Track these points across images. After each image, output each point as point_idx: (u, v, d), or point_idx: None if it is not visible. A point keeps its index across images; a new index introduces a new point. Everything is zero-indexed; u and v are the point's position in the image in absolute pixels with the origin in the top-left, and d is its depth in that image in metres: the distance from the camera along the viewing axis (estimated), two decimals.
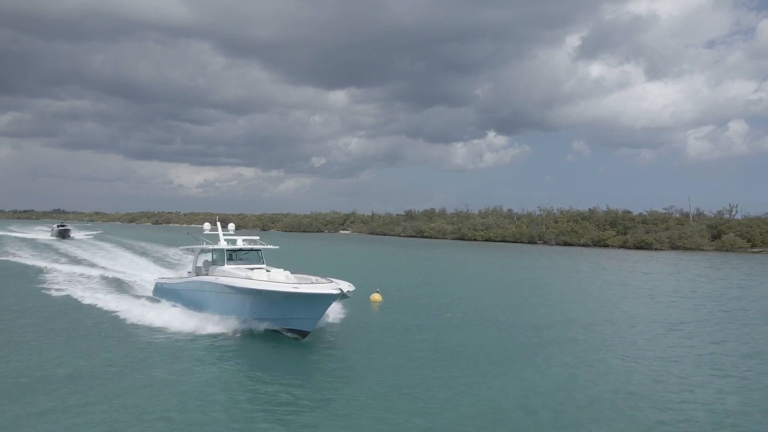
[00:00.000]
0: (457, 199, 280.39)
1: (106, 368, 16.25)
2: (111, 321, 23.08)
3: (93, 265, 45.43)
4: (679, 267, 60.13)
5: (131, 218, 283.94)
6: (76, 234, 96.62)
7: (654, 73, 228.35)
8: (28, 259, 52.21)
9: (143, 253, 60.31)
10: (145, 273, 40.18)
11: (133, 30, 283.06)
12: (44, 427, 12.00)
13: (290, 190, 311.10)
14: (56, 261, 50.02)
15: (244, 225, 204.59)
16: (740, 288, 40.47)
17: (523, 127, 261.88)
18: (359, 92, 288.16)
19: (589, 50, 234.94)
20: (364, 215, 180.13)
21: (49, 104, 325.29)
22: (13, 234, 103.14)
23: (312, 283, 20.72)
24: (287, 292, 18.76)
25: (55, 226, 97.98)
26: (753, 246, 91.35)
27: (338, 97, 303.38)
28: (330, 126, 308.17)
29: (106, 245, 72.40)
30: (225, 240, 25.73)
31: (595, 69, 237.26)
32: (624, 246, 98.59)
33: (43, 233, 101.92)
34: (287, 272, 22.38)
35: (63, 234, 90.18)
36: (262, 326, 20.59)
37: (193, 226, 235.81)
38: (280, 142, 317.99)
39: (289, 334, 20.25)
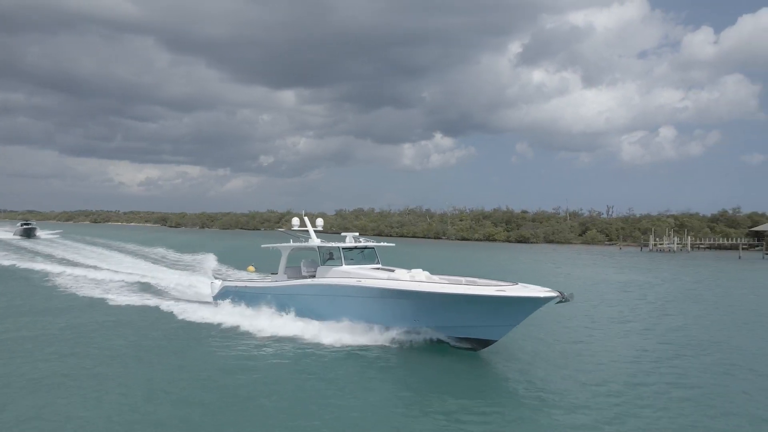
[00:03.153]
0: (406, 198, 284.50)
1: (269, 388, 13.91)
2: (220, 333, 20.01)
3: (96, 268, 40.85)
4: (524, 253, 78.39)
5: (68, 217, 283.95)
6: (41, 233, 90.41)
7: (590, 80, 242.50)
8: (20, 261, 46.56)
9: (130, 253, 57.66)
10: (162, 274, 37.38)
11: (75, 23, 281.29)
12: None
13: (237, 189, 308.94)
14: (48, 262, 45.20)
15: (183, 223, 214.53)
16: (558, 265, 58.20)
17: (469, 129, 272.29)
18: (308, 92, 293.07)
19: (530, 57, 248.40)
20: (298, 213, 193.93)
21: None
22: None
23: (462, 284, 17.84)
24: (493, 296, 15.95)
25: (18, 224, 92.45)
26: (609, 240, 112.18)
27: (287, 96, 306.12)
28: (278, 125, 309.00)
29: (82, 245, 67.53)
30: (318, 238, 23.42)
31: (537, 75, 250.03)
32: (508, 240, 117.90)
33: (2, 233, 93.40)
34: (427, 272, 19.63)
35: (28, 233, 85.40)
36: (425, 335, 17.82)
37: (132, 224, 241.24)
38: (227, 140, 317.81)
39: (460, 344, 17.45)
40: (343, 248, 21.07)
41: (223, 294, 25.34)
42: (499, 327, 16.62)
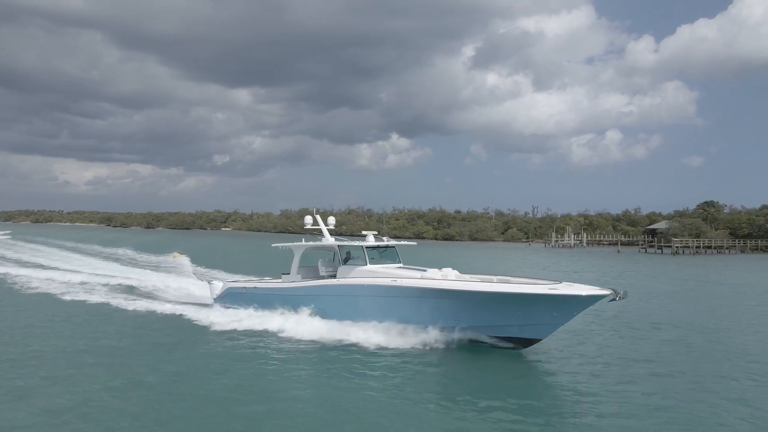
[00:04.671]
0: (362, 198, 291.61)
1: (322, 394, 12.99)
2: (239, 336, 18.80)
3: (72, 271, 37.70)
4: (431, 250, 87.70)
5: (7, 217, 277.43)
6: None
7: (540, 84, 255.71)
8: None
9: (97, 254, 55.48)
10: (144, 276, 35.24)
11: (16, 16, 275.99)
12: None
13: (190, 189, 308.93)
14: (22, 267, 41.20)
15: (128, 223, 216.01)
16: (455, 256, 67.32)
17: (424, 130, 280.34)
18: (263, 92, 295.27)
19: (483, 61, 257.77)
20: (244, 213, 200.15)
21: None
22: None
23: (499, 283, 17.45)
24: (547, 294, 15.64)
25: None
26: (527, 238, 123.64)
27: (242, 95, 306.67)
28: (233, 124, 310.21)
29: (43, 247, 64.69)
30: (332, 237, 22.24)
31: (491, 78, 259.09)
32: (435, 238, 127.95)
33: None
34: (456, 271, 19.09)
35: None
36: (464, 335, 17.17)
37: (77, 224, 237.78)
38: (180, 139, 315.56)
39: (503, 344, 16.98)
40: (366, 247, 20.06)
41: (226, 296, 23.88)
42: (547, 326, 16.36)
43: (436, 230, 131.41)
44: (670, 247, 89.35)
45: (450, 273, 18.84)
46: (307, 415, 11.57)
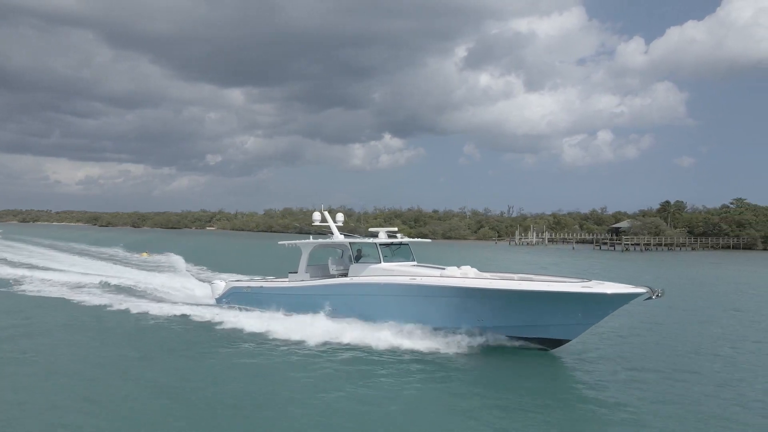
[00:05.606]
0: (356, 198, 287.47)
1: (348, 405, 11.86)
2: (248, 337, 17.93)
3: (66, 271, 36.28)
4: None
5: None
6: None
7: (532, 85, 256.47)
8: None
9: (89, 254, 53.20)
10: (140, 276, 33.75)
11: (6, 14, 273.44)
12: None
13: (183, 188, 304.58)
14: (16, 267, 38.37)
15: (115, 223, 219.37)
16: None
17: (418, 130, 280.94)
18: (257, 91, 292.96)
19: (475, 62, 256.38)
20: (228, 213, 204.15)
21: None
22: None
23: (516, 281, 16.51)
24: (580, 293, 14.86)
25: None
26: (499, 236, 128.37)
27: (235, 95, 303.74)
28: (227, 124, 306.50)
29: (35, 248, 60.93)
30: (342, 234, 21.24)
31: (483, 78, 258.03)
32: (409, 236, 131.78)
33: None
34: (475, 269, 18.30)
35: None
36: (491, 336, 16.36)
37: (64, 224, 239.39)
38: (173, 138, 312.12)
39: (530, 345, 16.27)
40: (379, 244, 19.17)
41: (230, 295, 23.26)
42: (578, 326, 15.60)
43: (411, 229, 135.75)
44: (620, 244, 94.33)
45: (470, 271, 17.89)
46: (318, 424, 10.83)
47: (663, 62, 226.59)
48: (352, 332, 17.24)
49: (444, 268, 18.02)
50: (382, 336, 16.70)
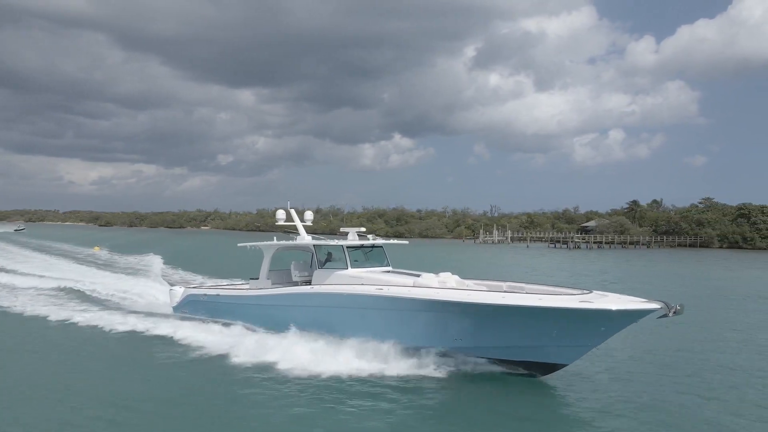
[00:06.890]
0: (365, 198, 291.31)
1: None
2: (186, 354, 15.75)
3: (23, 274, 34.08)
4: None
5: (2, 216, 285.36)
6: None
7: (542, 84, 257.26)
8: None
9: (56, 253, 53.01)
10: (107, 280, 31.32)
11: (19, 17, 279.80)
12: None
13: (195, 189, 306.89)
14: None
15: (113, 222, 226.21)
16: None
17: (427, 130, 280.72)
18: (266, 92, 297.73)
19: (484, 61, 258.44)
20: (223, 212, 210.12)
21: None
22: None
23: (504, 291, 14.36)
24: (579, 309, 12.27)
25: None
26: (474, 235, 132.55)
27: (245, 95, 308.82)
28: (237, 124, 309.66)
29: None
30: (309, 234, 18.95)
31: (493, 78, 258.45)
32: (386, 235, 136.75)
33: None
34: (457, 276, 15.89)
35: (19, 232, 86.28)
36: (470, 358, 14.06)
37: (69, 223, 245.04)
38: (183, 139, 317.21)
39: (516, 369, 13.87)
40: (347, 247, 16.79)
41: (186, 303, 20.88)
42: (576, 348, 13.16)
43: (391, 228, 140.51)
44: (569, 242, 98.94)
45: (450, 279, 15.58)
46: None
47: (674, 61, 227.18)
48: (309, 352, 14.54)
49: (419, 275, 15.68)
50: (342, 358, 14.18)
